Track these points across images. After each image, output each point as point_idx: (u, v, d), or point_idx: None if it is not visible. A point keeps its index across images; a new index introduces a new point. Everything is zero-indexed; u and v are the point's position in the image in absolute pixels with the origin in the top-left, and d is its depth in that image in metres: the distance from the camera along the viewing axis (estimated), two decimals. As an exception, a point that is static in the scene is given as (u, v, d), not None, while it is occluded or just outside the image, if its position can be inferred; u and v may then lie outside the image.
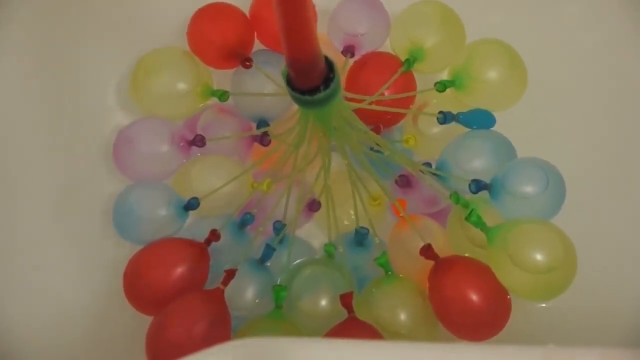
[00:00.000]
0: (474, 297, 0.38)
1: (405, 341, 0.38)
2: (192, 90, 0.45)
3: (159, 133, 0.43)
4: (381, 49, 0.46)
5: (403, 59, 0.45)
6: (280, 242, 0.43)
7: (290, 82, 0.35)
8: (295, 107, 0.42)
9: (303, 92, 0.35)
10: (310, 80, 0.35)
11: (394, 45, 0.46)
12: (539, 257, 0.37)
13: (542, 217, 0.39)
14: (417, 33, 0.45)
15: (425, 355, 0.30)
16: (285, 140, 0.42)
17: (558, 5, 0.50)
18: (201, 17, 0.46)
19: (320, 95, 0.35)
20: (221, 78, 0.46)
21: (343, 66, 0.45)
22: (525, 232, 0.38)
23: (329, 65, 0.35)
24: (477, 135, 0.42)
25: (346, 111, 0.39)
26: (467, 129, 0.43)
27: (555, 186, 0.39)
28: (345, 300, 0.39)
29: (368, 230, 0.42)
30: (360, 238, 0.42)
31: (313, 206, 0.44)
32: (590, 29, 0.49)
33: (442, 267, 0.39)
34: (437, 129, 0.44)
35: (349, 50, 0.46)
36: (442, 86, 0.43)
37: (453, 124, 0.42)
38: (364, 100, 0.43)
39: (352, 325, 0.38)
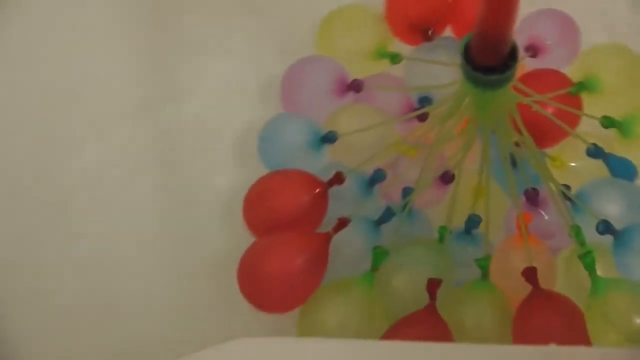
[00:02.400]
0: (557, 338, 0.37)
1: (406, 341, 0.37)
2: (370, 47, 0.47)
3: (327, 71, 0.46)
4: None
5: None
6: (404, 209, 0.43)
7: (467, 54, 0.35)
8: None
9: (477, 69, 0.35)
10: (491, 58, 0.35)
11: (573, 70, 0.46)
12: (636, 323, 0.36)
13: None
14: (600, 69, 0.45)
15: (428, 355, 0.31)
16: (435, 111, 0.43)
17: None
18: None
19: (494, 77, 0.35)
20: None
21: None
22: (630, 297, 0.37)
23: (513, 51, 0.35)
24: (620, 184, 0.41)
25: (510, 103, 0.39)
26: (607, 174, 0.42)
27: None
28: (431, 286, 0.39)
29: (480, 219, 0.42)
30: (470, 225, 0.42)
31: (446, 178, 0.43)
32: None
33: (538, 296, 0.38)
34: (578, 162, 0.43)
35: (532, 49, 0.45)
36: (609, 122, 0.43)
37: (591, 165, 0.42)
38: (531, 97, 0.42)
39: (426, 317, 0.38)
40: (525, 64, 0.46)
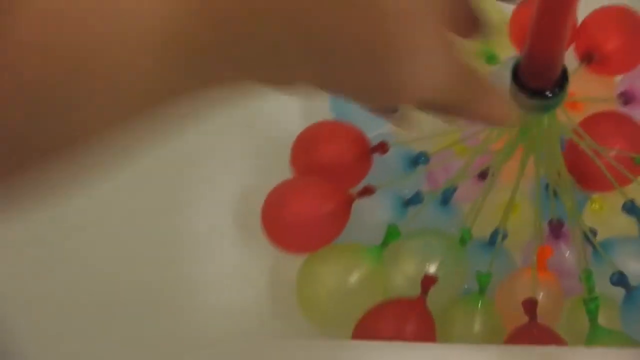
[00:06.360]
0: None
1: (405, 341, 0.38)
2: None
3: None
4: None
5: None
6: (444, 203, 0.43)
7: (515, 74, 0.35)
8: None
9: (522, 90, 0.35)
10: (537, 82, 0.34)
11: None
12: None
13: None
14: None
15: (427, 355, 0.31)
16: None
17: None
18: None
19: (535, 101, 0.35)
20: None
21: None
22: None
23: (562, 78, 0.35)
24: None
25: (555, 135, 0.39)
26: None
27: None
28: (426, 281, 0.39)
29: (505, 235, 0.41)
30: (494, 237, 0.42)
31: (483, 175, 0.43)
32: None
33: (532, 329, 0.38)
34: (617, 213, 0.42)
35: (625, 96, 0.45)
36: None
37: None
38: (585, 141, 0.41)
39: (412, 307, 0.38)
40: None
